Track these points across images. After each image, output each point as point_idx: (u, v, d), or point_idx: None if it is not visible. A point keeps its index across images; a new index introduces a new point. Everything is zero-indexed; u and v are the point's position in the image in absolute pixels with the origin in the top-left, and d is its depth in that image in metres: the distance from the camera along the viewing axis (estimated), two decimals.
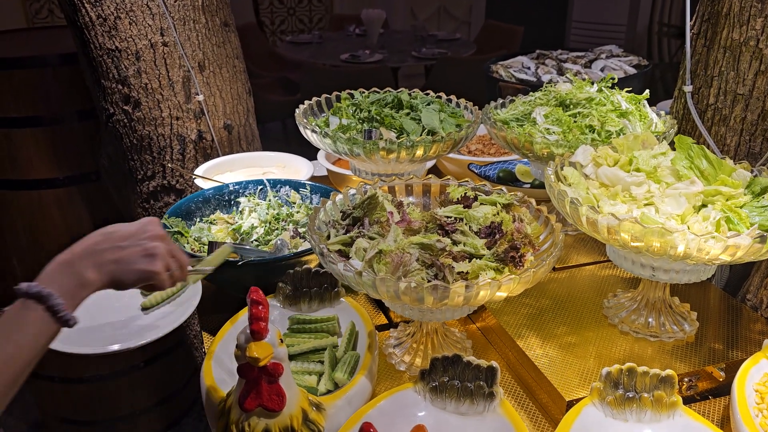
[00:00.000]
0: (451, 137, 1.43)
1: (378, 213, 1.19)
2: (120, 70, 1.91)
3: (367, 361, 1.09)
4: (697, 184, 1.13)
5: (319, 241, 1.08)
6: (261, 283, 1.27)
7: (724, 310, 1.32)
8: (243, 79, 2.19)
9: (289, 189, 1.64)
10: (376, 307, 1.40)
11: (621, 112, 1.52)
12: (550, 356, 1.17)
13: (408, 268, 1.04)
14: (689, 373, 1.14)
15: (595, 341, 1.21)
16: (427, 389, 1.04)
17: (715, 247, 0.99)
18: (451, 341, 1.25)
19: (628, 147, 1.29)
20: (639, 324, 1.24)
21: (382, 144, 1.39)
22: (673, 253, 1.02)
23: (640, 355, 1.18)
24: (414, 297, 0.99)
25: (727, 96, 1.40)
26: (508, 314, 1.29)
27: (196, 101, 1.99)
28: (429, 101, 1.63)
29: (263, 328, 0.87)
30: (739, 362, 1.11)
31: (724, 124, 1.42)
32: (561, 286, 1.39)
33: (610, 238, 1.08)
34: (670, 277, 1.15)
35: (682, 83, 1.54)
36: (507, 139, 1.50)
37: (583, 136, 1.46)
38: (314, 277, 1.28)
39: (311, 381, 1.09)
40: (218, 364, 1.09)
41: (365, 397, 1.06)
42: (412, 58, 5.04)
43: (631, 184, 1.18)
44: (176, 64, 1.96)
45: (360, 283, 1.01)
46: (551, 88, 1.66)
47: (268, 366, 0.88)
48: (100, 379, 2.54)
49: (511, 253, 1.06)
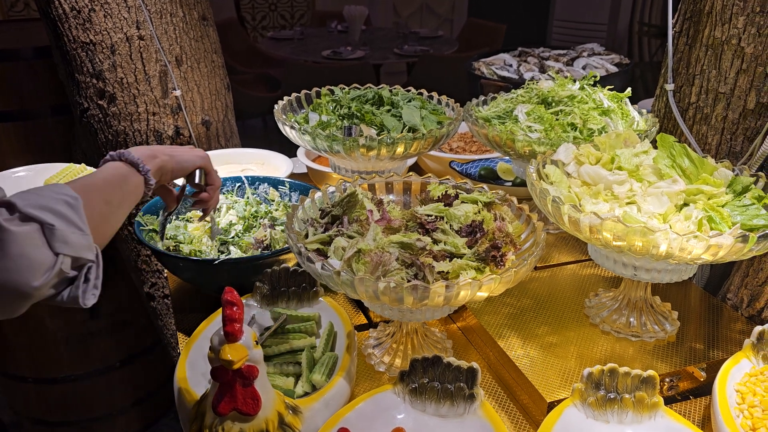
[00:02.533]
0: (432, 134, 1.41)
1: (357, 211, 1.17)
2: (95, 64, 1.86)
3: (345, 363, 1.07)
4: (679, 183, 1.12)
5: (296, 240, 1.05)
6: (238, 283, 1.25)
7: (705, 310, 1.31)
8: (221, 75, 2.15)
9: (267, 186, 1.61)
10: (355, 306, 1.38)
11: (603, 110, 1.52)
12: (531, 356, 1.15)
13: (387, 267, 1.02)
14: (670, 374, 1.13)
15: (576, 341, 1.20)
16: (407, 391, 1.02)
17: (698, 246, 0.98)
18: (431, 341, 1.24)
19: (610, 145, 1.28)
20: (620, 324, 1.23)
21: (362, 141, 1.37)
22: (656, 253, 1.01)
23: (621, 355, 1.17)
24: (394, 297, 0.97)
25: (709, 94, 1.40)
26: (489, 314, 1.27)
27: (173, 96, 1.95)
28: (410, 98, 1.61)
29: (237, 330, 0.85)
30: (719, 362, 1.11)
31: (705, 122, 1.42)
32: (542, 286, 1.38)
33: (592, 237, 1.07)
34: (652, 277, 1.14)
35: (663, 81, 1.53)
36: (489, 136, 1.48)
37: (565, 134, 1.45)
38: (292, 277, 1.26)
39: (288, 383, 1.06)
40: (192, 366, 1.07)
41: (343, 400, 1.04)
42: (394, 55, 5.02)
43: (613, 182, 1.17)
44: (152, 59, 1.91)
45: (338, 282, 0.99)
46: (533, 86, 1.65)
47: (242, 369, 0.86)
48: (74, 379, 2.49)
49: (492, 252, 1.05)
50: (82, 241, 0.82)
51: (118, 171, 1.01)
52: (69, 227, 0.81)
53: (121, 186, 0.99)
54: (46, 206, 0.80)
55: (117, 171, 1.01)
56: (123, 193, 0.99)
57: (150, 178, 1.05)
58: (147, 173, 1.04)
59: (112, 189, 0.97)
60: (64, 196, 0.83)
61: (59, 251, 0.79)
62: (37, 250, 0.77)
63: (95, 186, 0.94)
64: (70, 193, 0.84)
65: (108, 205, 0.94)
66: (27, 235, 0.77)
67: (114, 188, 0.98)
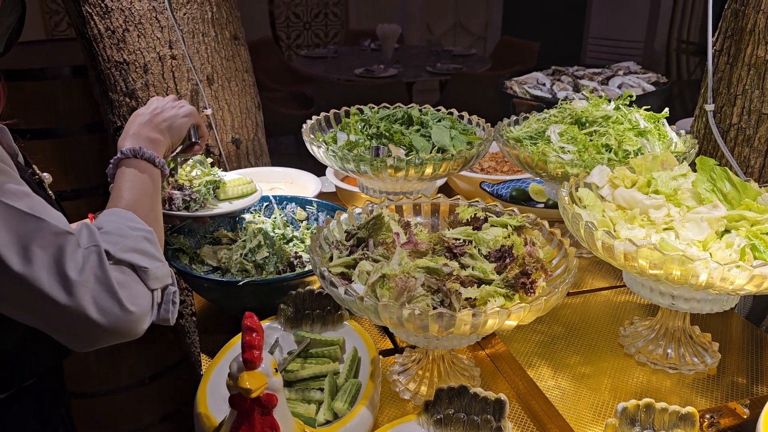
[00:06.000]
0: (461, 155, 1.39)
1: (383, 234, 1.14)
2: (128, 83, 1.88)
3: (368, 391, 1.03)
4: (720, 209, 1.07)
5: (320, 263, 1.03)
6: (262, 304, 1.23)
7: (748, 341, 1.25)
8: (252, 93, 2.16)
9: (295, 206, 1.60)
10: (381, 331, 1.35)
11: (639, 130, 1.47)
12: (562, 387, 1.11)
13: (413, 293, 0.99)
14: (711, 410, 1.07)
15: (609, 372, 1.15)
16: (432, 422, 0.98)
17: (740, 276, 0.93)
18: (458, 369, 1.20)
19: (646, 168, 1.23)
20: (657, 355, 1.17)
21: (390, 162, 1.35)
22: (695, 282, 0.96)
23: (657, 388, 1.12)
24: (418, 324, 0.94)
25: (752, 115, 1.34)
26: (519, 341, 1.23)
27: (204, 115, 1.96)
28: (440, 117, 1.59)
29: (257, 357, 0.82)
30: (764, 398, 1.05)
31: (747, 144, 1.36)
32: (574, 312, 1.33)
33: (627, 264, 1.02)
34: (691, 307, 1.09)
35: (703, 102, 1.48)
36: (520, 157, 1.45)
37: (599, 155, 1.41)
38: (317, 299, 1.23)
39: (310, 410, 1.04)
40: (213, 390, 1.05)
41: (366, 429, 1.01)
42: (427, 73, 5.01)
43: (649, 207, 1.12)
44: (184, 78, 1.93)
45: (362, 308, 0.96)
46: (566, 106, 1.61)
47: (261, 397, 0.83)
48: (104, 394, 2.50)
49: (522, 279, 1.01)
50: (165, 271, 0.92)
51: (143, 173, 1.08)
52: (154, 263, 0.90)
53: (153, 190, 1.08)
54: (134, 248, 0.88)
55: (143, 173, 1.08)
56: (155, 196, 1.08)
57: (165, 169, 1.13)
58: (162, 167, 1.13)
59: (151, 197, 1.07)
60: (142, 232, 0.92)
61: (153, 287, 0.89)
62: (140, 295, 0.87)
63: (146, 205, 1.03)
64: (144, 227, 0.94)
65: (157, 221, 1.04)
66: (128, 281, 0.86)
67: (151, 195, 1.07)
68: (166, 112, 1.21)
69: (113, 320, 0.83)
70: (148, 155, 1.10)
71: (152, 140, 1.15)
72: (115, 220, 0.93)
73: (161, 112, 1.21)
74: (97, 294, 0.82)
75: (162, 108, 1.22)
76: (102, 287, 0.82)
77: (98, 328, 0.82)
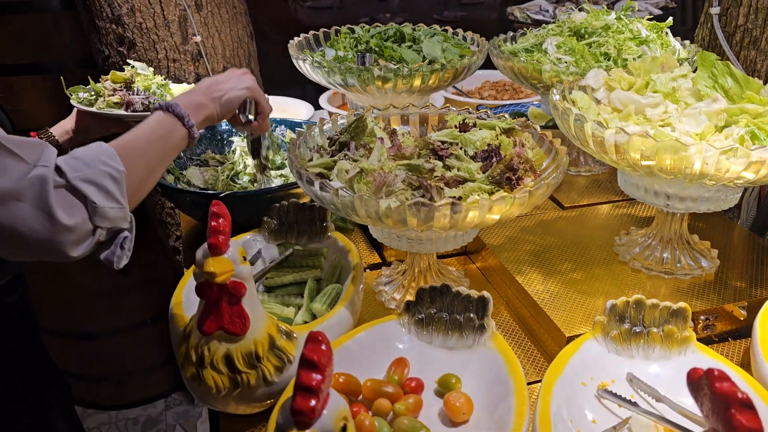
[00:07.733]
0: (452, 65, 1.33)
1: (367, 138, 1.09)
2: (113, 8, 1.83)
3: (349, 293, 1.00)
4: (720, 102, 1.01)
5: (297, 161, 0.99)
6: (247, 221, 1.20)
7: (749, 250, 1.20)
8: (244, 22, 2.10)
9: (285, 129, 1.55)
10: (370, 245, 1.32)
11: (640, 40, 1.40)
12: (551, 292, 1.07)
13: (392, 188, 0.94)
14: (706, 311, 1.03)
15: (603, 278, 1.11)
16: (413, 321, 0.95)
17: (736, 163, 0.87)
18: (446, 280, 1.16)
19: (645, 70, 1.17)
20: (653, 260, 1.13)
21: (377, 71, 1.29)
22: (689, 172, 0.91)
23: (652, 293, 1.07)
24: (397, 219, 0.90)
25: (759, 14, 1.26)
26: (509, 250, 1.19)
27: (194, 42, 1.91)
28: (432, 33, 1.52)
29: (222, 242, 0.79)
30: (762, 300, 1.00)
31: (754, 47, 1.29)
32: (569, 224, 1.28)
33: (620, 158, 0.97)
34: (687, 206, 1.04)
35: (708, 6, 1.40)
36: (514, 69, 1.38)
37: (597, 63, 1.34)
38: (302, 211, 1.19)
39: (288, 312, 1.01)
40: (190, 294, 1.02)
41: (344, 330, 0.97)
42: (434, 21, 4.87)
43: (646, 105, 1.06)
44: (171, 2, 1.87)
45: (339, 204, 0.92)
46: (566, 19, 1.54)
47: (228, 285, 0.80)
48: (107, 334, 2.50)
49: (508, 174, 0.96)
50: (120, 214, 0.90)
51: (163, 126, 1.04)
52: (110, 203, 0.88)
53: (164, 143, 1.03)
54: (92, 180, 0.87)
55: (162, 126, 1.04)
56: (165, 150, 1.03)
57: (195, 132, 1.08)
58: (192, 128, 1.07)
59: (155, 150, 1.02)
60: (111, 169, 0.89)
61: (98, 225, 0.87)
62: (79, 225, 0.85)
63: (139, 150, 0.99)
64: (116, 166, 0.90)
65: (147, 171, 0.99)
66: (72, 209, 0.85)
67: (156, 149, 1.02)
68: (226, 83, 1.17)
69: (41, 236, 0.83)
70: (179, 112, 1.06)
71: (197, 104, 1.11)
72: (91, 150, 0.91)
73: (223, 82, 1.18)
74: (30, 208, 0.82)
75: (227, 79, 1.19)
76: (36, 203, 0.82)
77: (26, 241, 0.83)
